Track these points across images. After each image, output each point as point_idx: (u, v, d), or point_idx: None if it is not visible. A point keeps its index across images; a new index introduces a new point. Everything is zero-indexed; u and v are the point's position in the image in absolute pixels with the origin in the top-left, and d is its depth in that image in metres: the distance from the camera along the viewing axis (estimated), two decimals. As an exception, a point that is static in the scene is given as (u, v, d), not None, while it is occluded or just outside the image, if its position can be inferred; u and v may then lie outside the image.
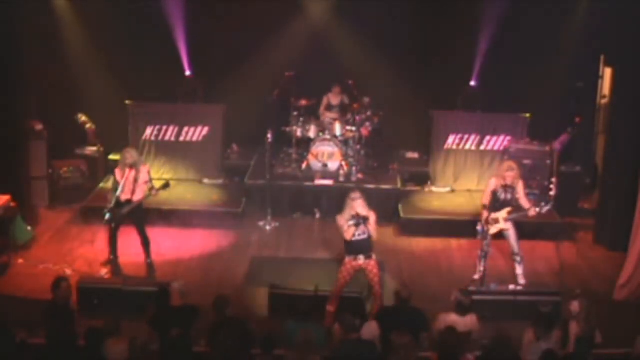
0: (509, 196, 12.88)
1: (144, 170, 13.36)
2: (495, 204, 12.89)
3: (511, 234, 13.02)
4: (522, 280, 13.14)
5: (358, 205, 11.45)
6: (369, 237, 11.53)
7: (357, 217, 11.40)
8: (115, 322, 9.43)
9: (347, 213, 11.47)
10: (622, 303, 12.79)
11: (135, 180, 13.15)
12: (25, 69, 15.46)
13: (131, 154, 13.36)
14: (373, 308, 11.59)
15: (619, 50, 14.90)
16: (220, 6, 17.23)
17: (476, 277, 13.10)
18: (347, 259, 11.60)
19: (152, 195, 13.26)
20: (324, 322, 11.32)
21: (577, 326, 9.81)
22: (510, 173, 12.87)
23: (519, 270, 13.16)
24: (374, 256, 11.61)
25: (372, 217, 11.56)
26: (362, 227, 11.43)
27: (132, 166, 13.18)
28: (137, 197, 13.19)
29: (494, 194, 12.93)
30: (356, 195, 11.59)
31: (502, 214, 12.82)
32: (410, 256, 14.64)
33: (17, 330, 9.56)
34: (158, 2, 17.13)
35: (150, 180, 13.38)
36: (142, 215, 13.49)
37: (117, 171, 13.29)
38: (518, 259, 13.14)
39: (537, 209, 12.70)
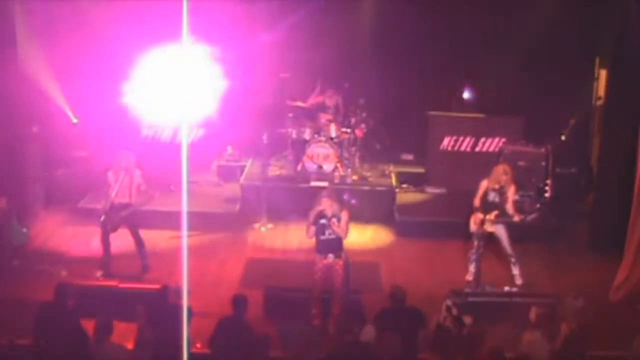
0: (498, 199, 12.92)
1: (137, 173, 13.40)
2: (485, 206, 12.93)
3: (502, 236, 13.07)
4: (519, 281, 13.16)
5: (323, 203, 11.51)
6: (339, 236, 11.58)
7: (320, 216, 11.49)
8: (108, 322, 9.41)
9: (314, 210, 11.57)
10: (617, 304, 12.80)
11: (130, 183, 13.21)
12: (20, 71, 15.47)
13: (126, 157, 13.40)
14: (335, 308, 11.62)
15: (613, 52, 14.94)
16: (216, 7, 17.22)
17: (469, 278, 13.13)
18: (317, 259, 11.66)
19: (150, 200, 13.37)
20: (313, 323, 11.37)
21: (566, 327, 9.81)
22: (503, 176, 12.90)
23: (515, 270, 13.19)
24: (343, 256, 11.65)
25: (344, 216, 11.61)
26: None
27: (127, 169, 13.22)
28: (134, 200, 13.24)
29: (485, 195, 12.97)
30: (322, 193, 11.70)
31: (490, 216, 12.86)
32: (405, 257, 14.66)
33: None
34: (158, 2, 17.09)
35: (144, 184, 13.44)
36: (136, 218, 13.51)
37: (110, 174, 13.31)
38: (512, 260, 13.17)
39: (523, 217, 12.78)
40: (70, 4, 16.66)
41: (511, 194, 12.91)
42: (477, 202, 13.02)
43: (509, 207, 12.85)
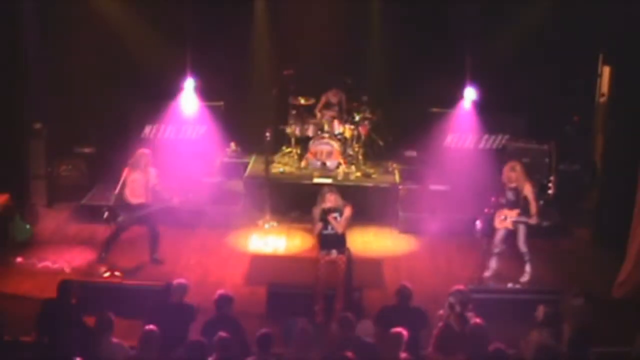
0: (513, 197, 12.99)
1: (152, 173, 13.38)
2: (506, 203, 13.04)
3: (520, 234, 13.15)
4: (524, 278, 13.22)
5: (328, 199, 11.53)
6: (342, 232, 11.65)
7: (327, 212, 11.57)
8: (108, 318, 9.41)
9: (318, 207, 11.64)
10: (620, 301, 12.80)
11: (146, 182, 13.21)
12: (25, 67, 15.50)
13: (143, 156, 13.41)
14: (338, 305, 11.62)
15: (617, 48, 14.93)
16: (219, 4, 17.24)
17: (487, 274, 13.23)
18: (320, 254, 11.68)
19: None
20: (315, 320, 11.37)
21: (568, 327, 9.79)
22: (512, 174, 12.95)
23: (527, 268, 13.30)
24: (346, 252, 11.66)
25: (347, 211, 11.62)
26: (335, 221, 11.51)
27: (143, 168, 13.22)
28: (149, 200, 13.25)
29: (504, 193, 13.09)
30: (324, 190, 11.79)
31: (512, 214, 12.95)
32: (408, 255, 14.65)
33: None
34: (157, 2, 17.12)
35: (159, 184, 13.44)
36: (153, 219, 13.58)
37: (127, 170, 13.33)
38: (525, 258, 13.27)
39: (539, 221, 12.90)
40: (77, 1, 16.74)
41: (528, 192, 12.95)
42: (500, 199, 13.12)
43: (532, 207, 12.92)
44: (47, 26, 16.48)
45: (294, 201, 16.28)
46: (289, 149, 17.49)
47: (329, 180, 16.23)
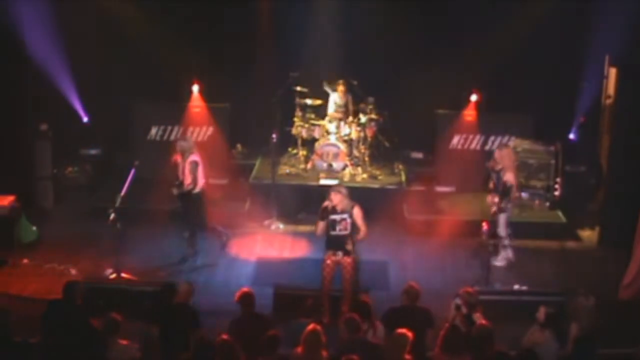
0: (496, 182, 13.08)
1: (189, 159, 13.66)
2: (492, 188, 13.17)
3: (500, 219, 13.33)
4: (499, 262, 13.55)
5: (332, 198, 11.55)
6: (349, 233, 11.58)
7: (330, 211, 11.53)
8: (115, 320, 9.43)
9: (324, 206, 11.63)
10: (626, 302, 12.77)
11: (183, 170, 13.59)
12: (31, 69, 15.53)
13: (183, 142, 13.90)
14: (344, 306, 11.57)
15: (623, 50, 14.91)
16: (225, 5, 17.27)
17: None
18: (327, 255, 11.66)
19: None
20: (322, 320, 11.37)
21: (576, 327, 9.78)
22: (507, 156, 13.11)
23: (502, 252, 13.60)
24: (352, 253, 11.63)
25: (358, 214, 11.61)
26: (343, 223, 11.47)
27: (182, 153, 13.61)
28: (185, 184, 13.63)
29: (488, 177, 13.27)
30: (332, 188, 11.78)
31: (493, 199, 13.11)
32: (414, 256, 14.63)
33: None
34: (164, 3, 17.16)
35: (192, 171, 13.66)
36: (192, 204, 13.92)
37: (176, 157, 13.80)
38: (504, 242, 13.40)
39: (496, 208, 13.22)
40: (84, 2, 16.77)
41: (508, 178, 13.03)
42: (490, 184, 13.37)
43: (513, 192, 13.04)
44: (53, 27, 16.50)
45: (300, 203, 16.29)
46: (295, 151, 17.50)
47: (335, 182, 16.21)
